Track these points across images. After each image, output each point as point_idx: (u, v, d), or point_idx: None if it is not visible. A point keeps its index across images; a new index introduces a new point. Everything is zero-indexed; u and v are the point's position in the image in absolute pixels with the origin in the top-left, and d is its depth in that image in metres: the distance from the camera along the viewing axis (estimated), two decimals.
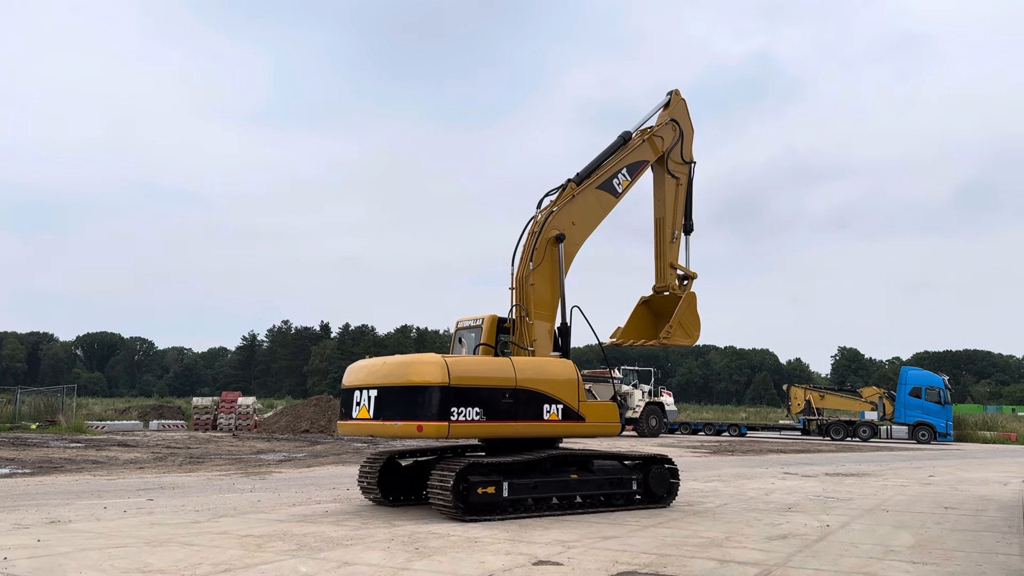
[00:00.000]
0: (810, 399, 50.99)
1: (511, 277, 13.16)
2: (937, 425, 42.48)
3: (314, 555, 8.40)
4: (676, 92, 15.58)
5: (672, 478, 13.16)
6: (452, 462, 11.44)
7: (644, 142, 14.70)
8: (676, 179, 15.30)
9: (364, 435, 12.19)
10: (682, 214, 15.40)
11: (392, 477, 12.91)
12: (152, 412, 44.83)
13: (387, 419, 11.60)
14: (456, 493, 10.93)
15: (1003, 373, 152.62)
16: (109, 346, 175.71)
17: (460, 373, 11.24)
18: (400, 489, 12.98)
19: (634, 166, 14.51)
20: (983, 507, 13.70)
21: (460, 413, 11.13)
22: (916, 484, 17.97)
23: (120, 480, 16.57)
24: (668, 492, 13.08)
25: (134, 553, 8.37)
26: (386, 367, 11.97)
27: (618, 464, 13.01)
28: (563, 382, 12.16)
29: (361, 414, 11.96)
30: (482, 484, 11.12)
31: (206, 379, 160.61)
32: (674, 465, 13.31)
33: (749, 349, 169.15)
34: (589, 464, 12.58)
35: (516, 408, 11.64)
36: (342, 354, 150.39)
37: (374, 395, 11.78)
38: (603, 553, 8.70)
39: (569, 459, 12.45)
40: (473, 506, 11.02)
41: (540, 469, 11.96)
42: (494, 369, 11.78)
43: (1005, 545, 9.73)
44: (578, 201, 13.58)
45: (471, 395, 11.27)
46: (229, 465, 20.53)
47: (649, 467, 13.07)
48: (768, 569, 8.01)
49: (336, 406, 40.93)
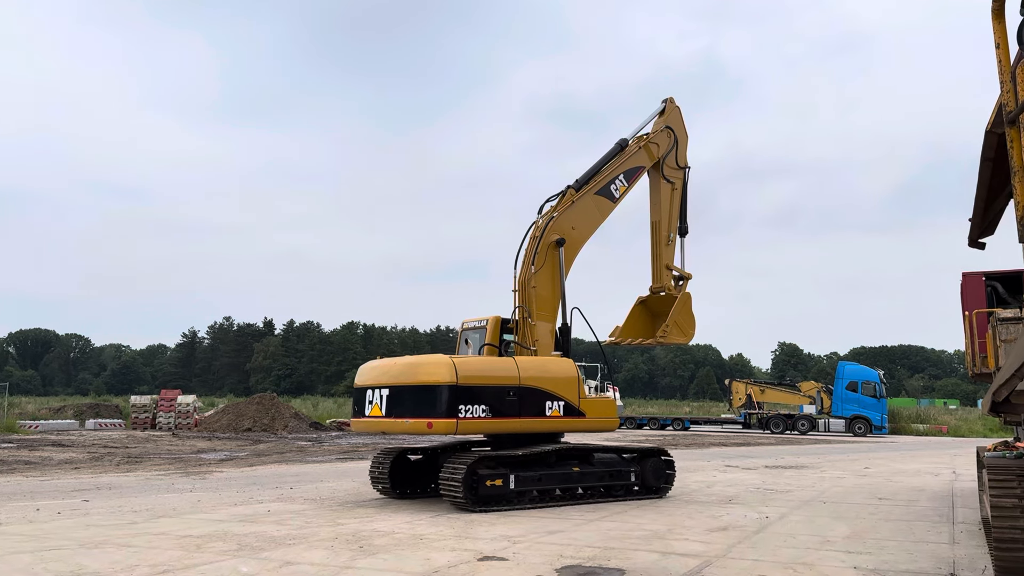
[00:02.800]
0: (751, 393, 52.07)
1: (513, 280, 13.80)
2: (873, 418, 43.64)
3: (255, 555, 8.28)
4: (671, 100, 16.27)
5: (668, 469, 13.94)
6: (462, 456, 12.08)
7: (640, 149, 15.39)
8: (671, 184, 16.02)
9: (377, 432, 13.06)
10: (677, 217, 16.09)
11: (401, 471, 13.49)
12: (88, 411, 43.69)
13: (399, 416, 12.23)
14: (466, 485, 11.56)
15: (936, 368, 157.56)
16: (43, 343, 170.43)
17: (467, 373, 11.91)
18: (408, 482, 13.57)
19: (631, 172, 15.21)
20: (915, 498, 14.13)
21: (467, 410, 11.82)
22: (852, 476, 18.45)
23: (54, 481, 16.12)
24: (664, 484, 13.83)
25: (68, 555, 8.15)
26: (397, 367, 12.58)
27: (617, 457, 13.68)
28: (564, 380, 12.89)
29: (374, 412, 12.58)
30: (490, 477, 11.79)
31: (145, 377, 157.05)
32: (670, 457, 14.04)
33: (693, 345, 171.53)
34: (590, 457, 13.29)
35: (520, 405, 12.36)
36: (287, 351, 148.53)
37: (386, 394, 12.40)
38: (548, 547, 8.76)
39: (572, 452, 13.10)
40: (482, 498, 11.68)
41: (544, 462, 12.62)
42: (498, 368, 12.43)
43: (935, 534, 10.05)
44: (577, 206, 14.28)
45: (477, 393, 11.94)
46: (168, 465, 20.12)
47: (646, 459, 13.75)
48: (708, 560, 8.15)
49: (279, 405, 40.51)
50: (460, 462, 11.85)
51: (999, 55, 4.97)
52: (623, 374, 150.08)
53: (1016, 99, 4.83)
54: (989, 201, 7.81)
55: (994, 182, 7.19)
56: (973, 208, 8.03)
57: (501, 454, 12.24)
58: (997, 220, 8.49)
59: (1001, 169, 6.47)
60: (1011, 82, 4.91)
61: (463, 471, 11.60)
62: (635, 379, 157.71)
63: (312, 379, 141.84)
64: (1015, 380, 5.59)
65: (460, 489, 11.53)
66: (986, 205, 7.88)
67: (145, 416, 39.51)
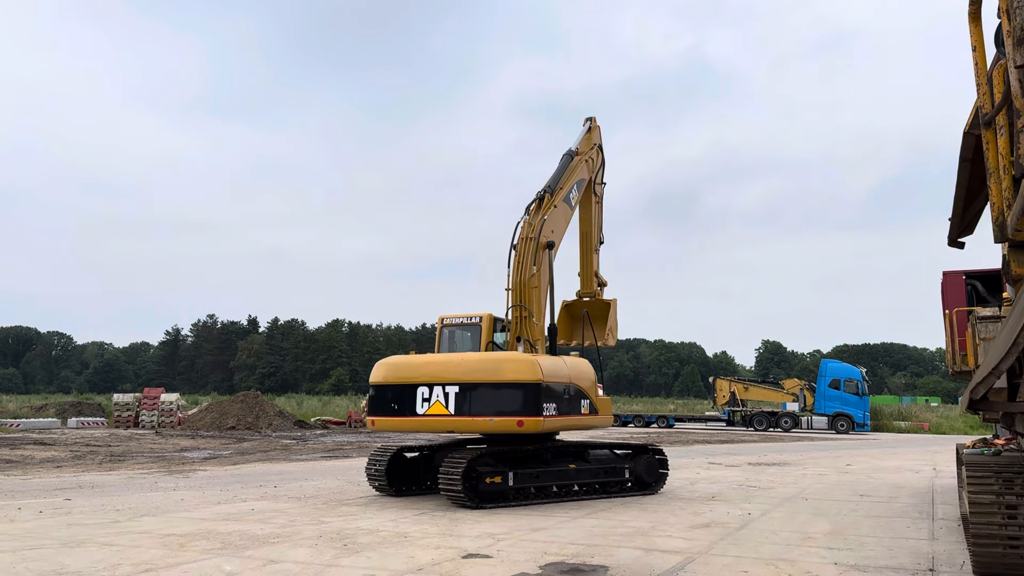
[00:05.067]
0: (735, 391, 52.28)
1: (507, 279, 13.93)
2: (855, 416, 43.97)
3: (239, 553, 8.27)
4: (594, 119, 17.11)
5: (661, 467, 14.10)
6: (461, 453, 12.15)
7: (583, 163, 16.09)
8: (598, 198, 17.14)
9: (440, 431, 12.70)
10: (600, 229, 17.16)
11: (397, 469, 13.53)
12: (71, 409, 43.37)
13: (477, 414, 12.11)
14: (466, 482, 11.63)
15: (918, 365, 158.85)
16: (24, 341, 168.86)
17: (548, 372, 12.23)
18: (404, 480, 13.62)
19: (579, 183, 15.88)
20: (896, 494, 14.27)
21: (546, 408, 12.05)
22: (834, 473, 18.60)
23: (36, 480, 16.01)
24: (657, 480, 13.99)
25: (50, 555, 8.11)
26: (468, 364, 12.40)
27: (611, 454, 13.91)
28: (590, 380, 13.50)
29: (435, 410, 12.33)
30: (490, 474, 11.88)
31: (128, 375, 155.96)
32: (663, 455, 14.23)
33: (677, 342, 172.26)
34: (585, 454, 13.49)
35: (571, 403, 12.75)
36: (271, 349, 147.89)
37: (455, 391, 12.21)
38: (532, 545, 8.79)
39: (568, 449, 13.33)
40: (482, 494, 11.75)
41: (541, 460, 12.76)
42: (563, 368, 12.88)
43: (915, 530, 10.16)
44: (554, 212, 14.67)
45: (551, 392, 12.24)
46: (152, 463, 20.03)
47: (639, 456, 13.97)
48: (691, 557, 8.21)
49: (264, 403, 40.25)
50: (460, 459, 11.90)
51: (975, 58, 5.02)
52: (608, 372, 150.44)
53: (992, 102, 4.88)
54: (968, 201, 7.90)
55: (972, 183, 7.27)
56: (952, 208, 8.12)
57: (500, 451, 12.32)
58: (976, 220, 8.58)
59: (979, 170, 6.55)
60: (987, 85, 4.96)
61: (463, 468, 11.65)
62: (620, 376, 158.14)
63: (296, 377, 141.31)
64: (992, 378, 5.66)
65: (459, 486, 11.59)
66: (965, 205, 7.97)
67: (128, 414, 39.29)
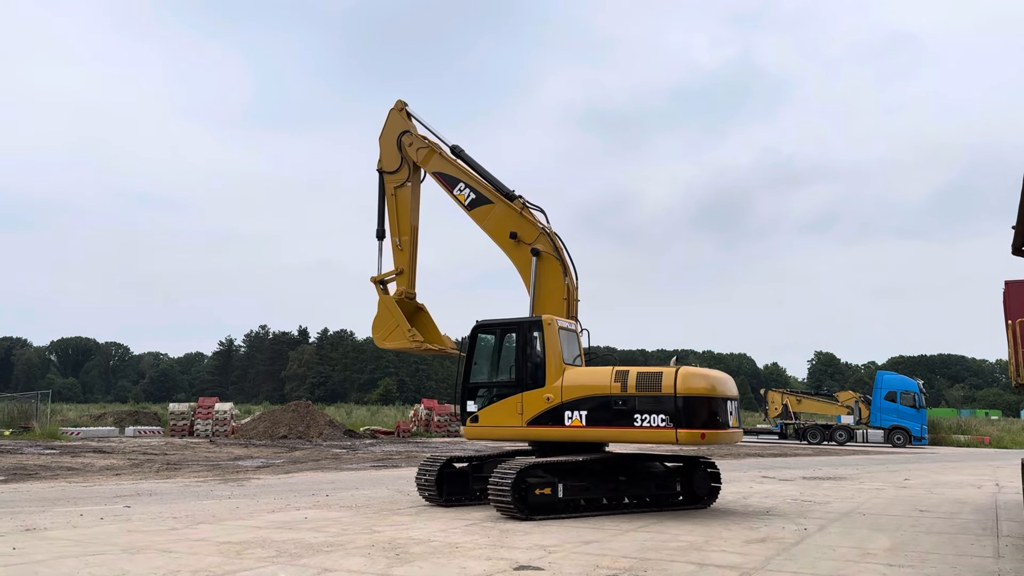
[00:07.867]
0: (787, 403, 51.42)
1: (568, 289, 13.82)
2: (912, 429, 42.92)
3: (294, 562, 8.36)
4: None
5: (714, 481, 13.64)
6: (511, 464, 12.00)
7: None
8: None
9: (737, 442, 13.63)
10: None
11: (447, 479, 13.47)
12: (128, 418, 44.40)
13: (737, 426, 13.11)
14: (516, 494, 11.49)
15: (977, 377, 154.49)
16: (84, 351, 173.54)
17: None
18: (453, 490, 13.52)
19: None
20: (957, 510, 13.87)
21: None
22: (892, 487, 18.16)
23: (96, 487, 16.41)
24: (709, 494, 13.56)
25: (112, 560, 8.30)
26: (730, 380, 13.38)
27: (662, 467, 13.59)
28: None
29: (734, 423, 12.98)
30: (539, 485, 11.76)
31: (182, 385, 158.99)
32: (716, 468, 13.77)
33: (727, 353, 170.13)
34: (636, 467, 13.21)
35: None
36: (321, 359, 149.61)
37: (735, 406, 13.11)
38: (583, 558, 8.73)
39: (619, 462, 13.04)
40: (531, 506, 11.63)
41: (591, 471, 12.53)
42: None
43: (979, 547, 9.86)
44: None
45: None
46: (207, 471, 20.38)
47: (692, 470, 13.58)
48: (747, 572, 8.07)
49: (315, 412, 40.77)
50: (510, 469, 11.77)
51: None
52: None
53: None
54: None
55: None
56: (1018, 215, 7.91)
57: (550, 462, 12.12)
58: None
59: None
60: None
61: (512, 479, 11.53)
62: None
63: (345, 387, 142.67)
64: None
65: (509, 497, 11.46)
66: None
67: (183, 423, 40.06)
